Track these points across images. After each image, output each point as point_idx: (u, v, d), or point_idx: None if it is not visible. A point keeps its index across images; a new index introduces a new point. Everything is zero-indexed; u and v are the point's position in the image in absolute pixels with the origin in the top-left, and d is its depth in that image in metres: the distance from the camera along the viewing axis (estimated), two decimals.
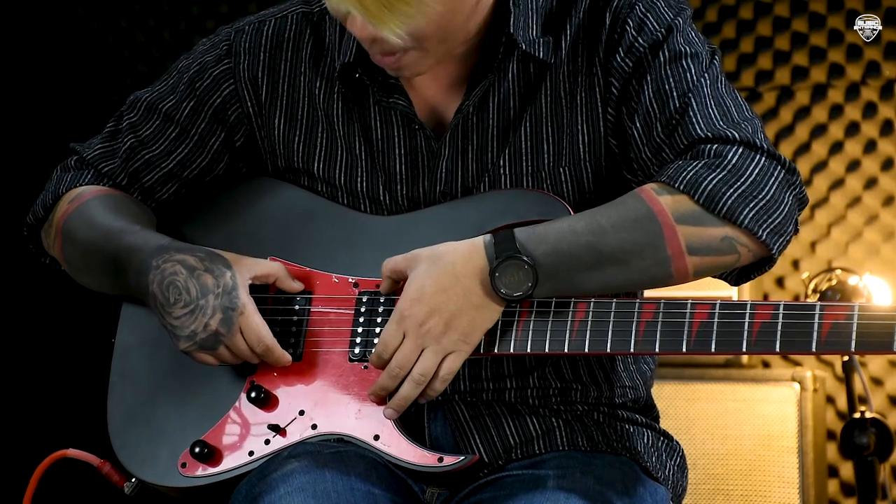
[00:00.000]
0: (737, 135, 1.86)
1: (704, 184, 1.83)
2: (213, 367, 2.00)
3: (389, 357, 1.89)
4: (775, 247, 1.85)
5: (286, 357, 1.98)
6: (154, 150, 2.13)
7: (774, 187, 1.85)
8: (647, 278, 1.86)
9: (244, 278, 1.97)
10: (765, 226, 1.83)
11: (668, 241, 1.83)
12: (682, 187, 1.84)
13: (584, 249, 1.84)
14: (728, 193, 1.82)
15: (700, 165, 1.85)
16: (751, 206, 1.82)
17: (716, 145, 1.86)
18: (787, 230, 1.86)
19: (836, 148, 4.08)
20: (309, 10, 2.12)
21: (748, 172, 1.84)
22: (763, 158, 1.86)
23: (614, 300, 1.85)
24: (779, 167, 1.86)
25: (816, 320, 1.75)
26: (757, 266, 1.90)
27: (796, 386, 3.59)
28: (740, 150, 1.85)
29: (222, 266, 1.96)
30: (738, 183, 1.83)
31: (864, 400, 3.62)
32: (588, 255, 1.84)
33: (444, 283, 1.85)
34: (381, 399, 1.93)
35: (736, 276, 1.92)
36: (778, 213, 1.84)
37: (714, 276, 1.91)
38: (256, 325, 1.95)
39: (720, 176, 1.83)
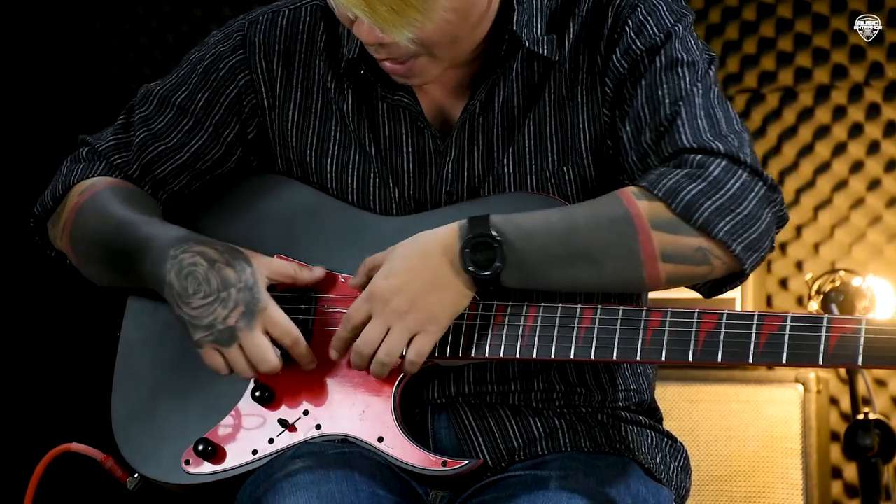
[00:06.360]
0: (721, 147, 1.85)
1: (683, 193, 1.82)
2: None
3: (354, 331, 1.90)
4: (748, 262, 1.84)
5: (312, 355, 1.96)
6: (167, 143, 2.12)
7: (754, 202, 1.84)
8: (619, 280, 1.85)
9: (263, 275, 1.96)
10: (739, 240, 1.82)
11: (643, 244, 1.83)
12: (660, 194, 1.83)
13: (556, 241, 1.83)
14: (706, 205, 1.81)
15: (681, 175, 1.84)
16: (727, 219, 1.82)
17: (699, 156, 1.85)
18: (763, 246, 1.86)
19: (840, 149, 4.06)
20: (323, 2, 2.10)
21: (728, 186, 1.83)
22: (745, 173, 1.85)
23: (621, 307, 1.84)
24: (760, 183, 1.85)
25: (824, 333, 1.74)
26: (729, 279, 1.89)
27: (800, 387, 3.58)
28: (723, 162, 1.85)
29: (243, 261, 1.95)
30: (717, 195, 1.82)
31: (867, 401, 3.62)
32: (560, 249, 1.83)
33: (412, 263, 1.85)
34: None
35: (709, 289, 1.92)
36: (754, 228, 1.83)
37: (687, 287, 1.91)
38: (282, 319, 1.93)
39: (700, 187, 1.82)
